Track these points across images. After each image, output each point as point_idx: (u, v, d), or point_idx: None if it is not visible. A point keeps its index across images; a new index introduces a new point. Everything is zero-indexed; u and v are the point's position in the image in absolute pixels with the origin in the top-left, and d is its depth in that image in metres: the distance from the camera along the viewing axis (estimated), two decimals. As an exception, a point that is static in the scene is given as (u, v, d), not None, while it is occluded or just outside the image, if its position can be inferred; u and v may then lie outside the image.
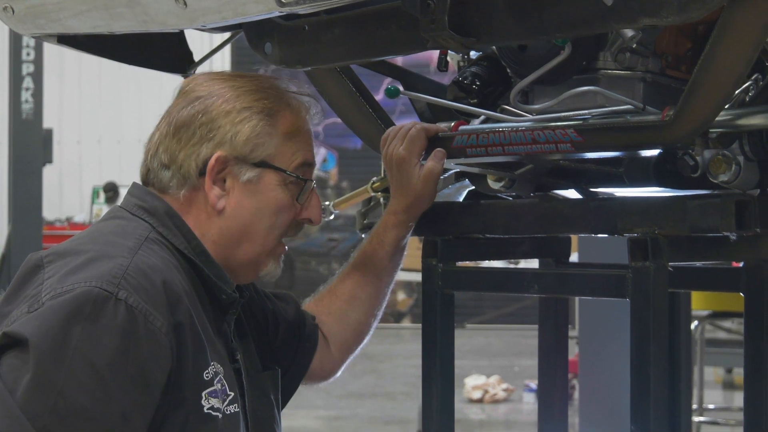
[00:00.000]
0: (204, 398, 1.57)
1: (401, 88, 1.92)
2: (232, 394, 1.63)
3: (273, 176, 1.68)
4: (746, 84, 1.69)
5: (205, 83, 1.72)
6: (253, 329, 1.86)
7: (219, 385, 1.60)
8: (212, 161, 1.65)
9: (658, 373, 1.57)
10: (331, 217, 2.26)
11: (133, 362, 1.48)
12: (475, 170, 1.91)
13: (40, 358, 1.44)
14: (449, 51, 1.94)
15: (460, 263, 1.89)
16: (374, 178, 2.10)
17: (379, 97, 2.07)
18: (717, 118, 1.57)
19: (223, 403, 1.60)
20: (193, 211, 1.68)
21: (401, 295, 12.26)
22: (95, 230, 1.68)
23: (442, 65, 1.94)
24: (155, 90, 12.20)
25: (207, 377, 1.58)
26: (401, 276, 1.92)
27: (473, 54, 1.94)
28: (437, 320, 1.85)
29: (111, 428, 1.46)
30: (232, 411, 1.63)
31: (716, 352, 5.68)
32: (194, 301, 1.61)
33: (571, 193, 1.91)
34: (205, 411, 1.57)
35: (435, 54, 1.79)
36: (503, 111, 1.81)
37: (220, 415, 1.59)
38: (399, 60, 2.27)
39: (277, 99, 1.71)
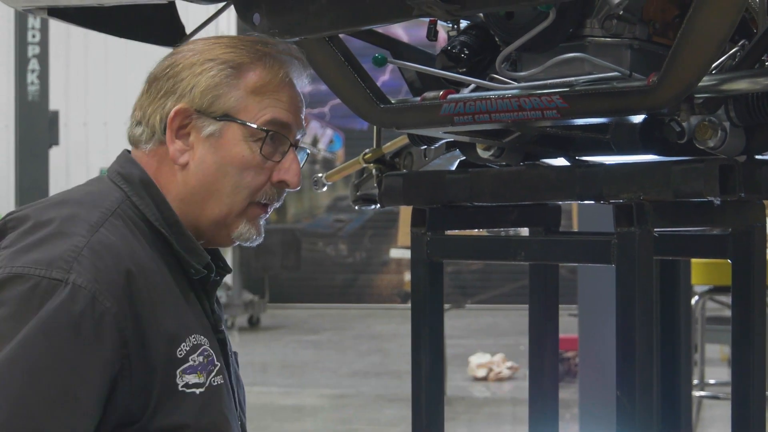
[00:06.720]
0: (178, 377, 1.52)
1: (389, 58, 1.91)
2: (219, 364, 1.58)
3: (236, 130, 1.62)
4: (733, 50, 1.69)
5: (189, 42, 1.69)
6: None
7: (201, 358, 1.55)
8: (171, 114, 1.61)
9: (643, 339, 1.57)
10: (324, 188, 2.26)
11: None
12: (465, 139, 1.91)
13: None
14: (439, 21, 1.94)
15: (449, 232, 1.89)
16: (366, 150, 2.10)
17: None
18: (702, 84, 1.56)
19: (208, 375, 1.56)
20: (162, 167, 1.64)
21: (408, 276, 12.25)
22: (66, 197, 1.61)
23: (432, 35, 1.94)
24: (162, 72, 12.20)
25: (180, 355, 1.53)
26: (408, 255, 1.92)
27: (463, 23, 1.94)
28: (426, 289, 1.86)
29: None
30: (219, 383, 1.58)
31: (721, 330, 5.66)
32: (165, 274, 1.56)
33: (561, 162, 1.91)
34: (180, 389, 1.52)
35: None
36: (492, 80, 1.80)
37: (198, 391, 1.54)
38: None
39: (250, 54, 1.64)
